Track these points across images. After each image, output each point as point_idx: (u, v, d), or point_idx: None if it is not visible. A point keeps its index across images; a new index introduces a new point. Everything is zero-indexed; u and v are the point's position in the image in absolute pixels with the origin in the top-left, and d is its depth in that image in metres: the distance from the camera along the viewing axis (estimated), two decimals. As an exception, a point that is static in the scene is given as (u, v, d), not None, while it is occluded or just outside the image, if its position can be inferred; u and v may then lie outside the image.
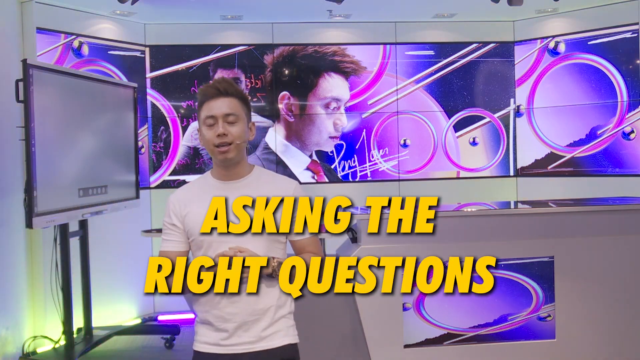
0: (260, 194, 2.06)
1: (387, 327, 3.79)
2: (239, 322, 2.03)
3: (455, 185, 6.36)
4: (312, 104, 6.23)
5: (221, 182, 2.11)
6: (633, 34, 5.66)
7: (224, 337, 2.04)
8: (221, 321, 2.04)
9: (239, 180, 2.11)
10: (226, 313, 2.03)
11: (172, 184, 6.07)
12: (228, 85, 2.07)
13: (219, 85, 2.06)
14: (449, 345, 3.86)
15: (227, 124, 2.04)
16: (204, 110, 2.07)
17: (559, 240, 3.91)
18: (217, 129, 2.03)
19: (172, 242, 2.12)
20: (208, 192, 2.09)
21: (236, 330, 2.03)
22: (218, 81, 2.08)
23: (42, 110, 4.14)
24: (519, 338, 3.90)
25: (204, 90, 2.09)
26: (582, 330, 3.93)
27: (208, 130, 2.06)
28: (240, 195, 2.05)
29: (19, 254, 4.75)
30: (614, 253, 3.93)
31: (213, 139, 2.04)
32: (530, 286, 3.90)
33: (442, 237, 3.85)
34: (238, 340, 2.04)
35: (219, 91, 2.05)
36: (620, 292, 3.94)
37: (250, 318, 2.03)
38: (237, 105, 2.07)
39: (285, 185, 2.13)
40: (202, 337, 2.09)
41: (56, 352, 4.56)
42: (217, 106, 2.05)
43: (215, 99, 2.05)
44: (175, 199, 2.16)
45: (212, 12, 5.77)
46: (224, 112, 2.04)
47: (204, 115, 2.07)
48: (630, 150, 5.71)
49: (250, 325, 2.03)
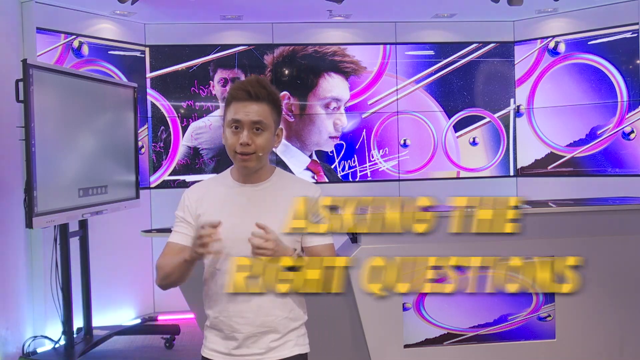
0: (278, 200, 1.97)
1: (387, 327, 3.78)
2: (247, 333, 1.97)
3: (455, 185, 6.36)
4: (312, 104, 6.23)
5: (240, 185, 2.02)
6: (633, 34, 5.66)
7: (233, 347, 1.98)
8: (230, 330, 1.98)
9: (258, 184, 2.02)
10: (234, 322, 1.97)
11: (172, 184, 6.07)
12: (260, 89, 1.92)
13: (250, 89, 1.91)
14: (449, 345, 3.86)
15: (253, 133, 1.92)
16: (231, 111, 1.94)
17: (559, 240, 3.91)
18: (242, 136, 1.91)
19: (180, 234, 2.02)
20: (226, 194, 2.01)
21: (245, 341, 1.97)
22: (250, 83, 1.93)
23: (42, 110, 4.14)
24: (519, 338, 3.90)
25: (234, 91, 1.94)
26: (582, 330, 3.92)
27: (232, 134, 1.94)
28: (257, 200, 1.98)
29: (19, 254, 4.75)
30: (614, 253, 3.93)
31: (236, 145, 1.93)
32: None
33: (442, 237, 3.85)
34: (247, 352, 1.97)
35: (249, 95, 1.91)
36: (620, 292, 3.94)
37: (260, 329, 1.97)
38: (266, 111, 1.93)
39: (305, 191, 2.00)
40: (211, 344, 2.03)
41: (56, 352, 4.56)
42: (245, 112, 1.91)
43: (244, 103, 1.92)
44: (192, 195, 2.05)
45: (212, 12, 5.77)
46: (251, 120, 1.91)
47: (230, 116, 1.94)
48: (630, 150, 5.71)
49: (260, 337, 1.97)
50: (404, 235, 3.31)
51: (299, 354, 2.03)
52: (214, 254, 1.85)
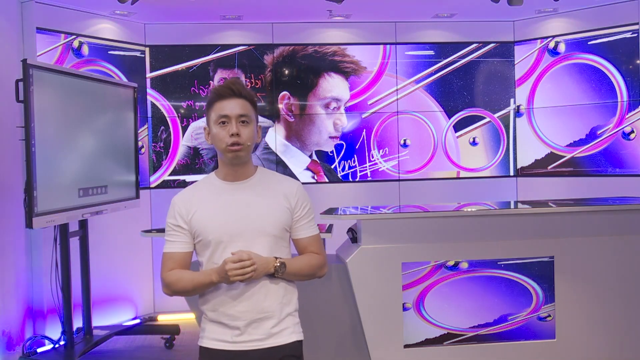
0: (265, 194, 2.13)
1: (387, 327, 3.79)
2: (248, 320, 2.08)
3: (455, 185, 6.36)
4: (312, 104, 6.23)
5: (227, 183, 2.15)
6: (633, 34, 5.66)
7: (236, 334, 2.08)
8: (231, 319, 2.08)
9: (244, 180, 2.15)
10: (236, 311, 2.08)
11: (172, 184, 6.07)
12: (241, 87, 2.11)
13: (232, 87, 2.09)
14: (449, 345, 3.86)
15: (240, 125, 2.08)
16: (216, 110, 2.10)
17: (559, 240, 3.91)
18: (231, 128, 2.07)
19: (177, 243, 2.14)
20: (214, 193, 2.13)
21: (247, 328, 2.08)
22: (232, 82, 2.11)
23: (42, 110, 4.14)
24: (519, 338, 3.90)
25: (218, 90, 2.11)
26: (582, 330, 3.93)
27: (221, 129, 2.08)
28: (246, 196, 2.11)
29: (19, 254, 4.75)
30: (614, 253, 3.93)
31: (226, 138, 2.07)
32: (530, 286, 3.91)
33: (442, 237, 3.85)
34: (249, 337, 2.08)
35: (233, 92, 2.09)
36: (620, 292, 3.94)
37: (258, 316, 2.08)
38: (248, 107, 2.11)
39: (289, 186, 2.18)
40: (212, 333, 2.12)
41: (56, 352, 4.55)
42: (231, 106, 2.08)
43: (229, 100, 2.09)
44: (180, 200, 2.16)
45: (212, 12, 5.77)
46: (238, 113, 2.08)
47: (216, 114, 2.09)
48: (630, 150, 5.71)
49: (260, 323, 2.08)
50: (404, 235, 3.32)
51: (296, 340, 2.15)
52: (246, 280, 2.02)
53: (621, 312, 3.94)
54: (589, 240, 3.92)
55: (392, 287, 3.79)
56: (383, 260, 3.76)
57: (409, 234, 3.83)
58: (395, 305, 3.80)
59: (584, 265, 3.93)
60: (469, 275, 3.87)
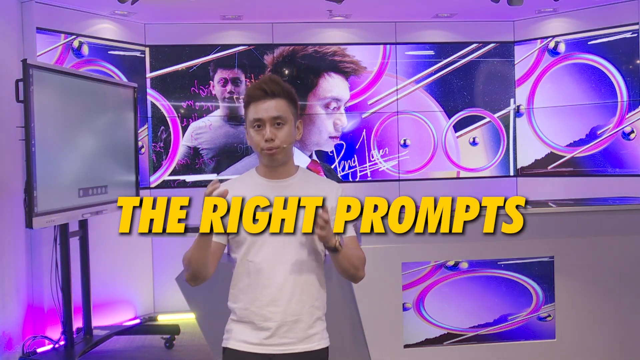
0: (305, 194, 2.01)
1: (387, 327, 3.78)
2: (279, 322, 2.01)
3: (455, 185, 6.36)
4: (312, 104, 6.23)
5: (267, 180, 2.09)
6: (633, 34, 5.66)
7: (266, 336, 2.02)
8: (262, 320, 2.02)
9: (284, 179, 2.09)
10: (267, 311, 2.01)
11: (172, 184, 6.07)
12: (274, 86, 2.03)
13: (265, 87, 2.02)
14: (449, 345, 3.86)
15: (275, 128, 2.01)
16: (251, 112, 2.03)
17: (559, 240, 3.91)
18: (265, 132, 2.00)
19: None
20: (254, 188, 2.06)
21: (277, 330, 2.01)
22: (264, 82, 2.04)
23: (42, 110, 4.14)
24: (519, 338, 3.90)
25: (251, 91, 2.04)
26: (582, 330, 3.93)
27: (256, 133, 2.03)
28: (285, 195, 1.99)
29: (19, 254, 4.75)
30: (614, 253, 3.93)
31: (261, 142, 2.02)
32: (530, 286, 3.90)
33: (442, 237, 3.85)
34: (280, 341, 2.02)
35: (266, 93, 2.02)
36: (620, 292, 3.94)
37: (290, 318, 2.02)
38: (284, 106, 2.03)
39: (329, 186, 2.15)
40: (239, 335, 2.05)
41: (56, 352, 4.56)
42: (264, 109, 2.01)
43: (262, 102, 2.02)
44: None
45: (212, 12, 5.77)
46: (271, 116, 2.01)
47: (251, 117, 2.03)
48: (630, 150, 5.71)
49: (291, 326, 2.02)
50: (404, 235, 3.30)
51: (325, 347, 2.10)
52: (218, 193, 1.84)
53: (621, 312, 3.93)
54: (589, 240, 3.92)
55: (392, 287, 3.79)
56: (383, 260, 3.75)
57: (409, 234, 3.82)
58: (395, 305, 3.80)
59: (584, 265, 3.93)
60: (469, 275, 3.87)
